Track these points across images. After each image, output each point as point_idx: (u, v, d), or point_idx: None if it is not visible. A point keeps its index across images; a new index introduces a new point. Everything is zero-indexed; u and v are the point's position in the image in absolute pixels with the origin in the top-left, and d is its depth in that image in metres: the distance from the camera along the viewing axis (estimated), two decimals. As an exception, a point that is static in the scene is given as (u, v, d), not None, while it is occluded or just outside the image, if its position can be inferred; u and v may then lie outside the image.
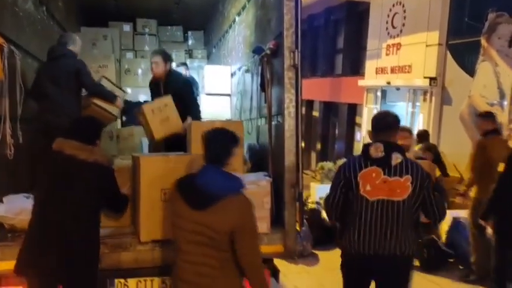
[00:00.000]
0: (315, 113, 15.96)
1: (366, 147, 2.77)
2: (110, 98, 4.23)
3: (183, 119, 4.21)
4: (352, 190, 2.73)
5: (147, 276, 3.00)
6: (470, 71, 7.33)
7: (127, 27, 6.93)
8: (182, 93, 4.37)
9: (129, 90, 6.29)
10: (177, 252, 2.49)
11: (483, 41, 7.01)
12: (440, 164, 5.81)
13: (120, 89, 4.58)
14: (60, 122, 3.57)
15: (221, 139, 2.49)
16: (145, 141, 5.07)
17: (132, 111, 5.48)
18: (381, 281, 2.85)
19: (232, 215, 2.34)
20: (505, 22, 6.64)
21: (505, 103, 6.59)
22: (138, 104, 5.43)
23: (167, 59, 4.51)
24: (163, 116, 4.12)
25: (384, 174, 2.67)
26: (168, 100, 4.17)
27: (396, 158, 2.68)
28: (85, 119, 3.22)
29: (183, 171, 2.66)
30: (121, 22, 6.86)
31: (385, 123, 2.84)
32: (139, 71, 6.36)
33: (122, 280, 3.00)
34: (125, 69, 6.49)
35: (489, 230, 4.17)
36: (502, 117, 6.61)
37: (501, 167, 4.01)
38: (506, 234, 4.04)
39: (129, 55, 6.80)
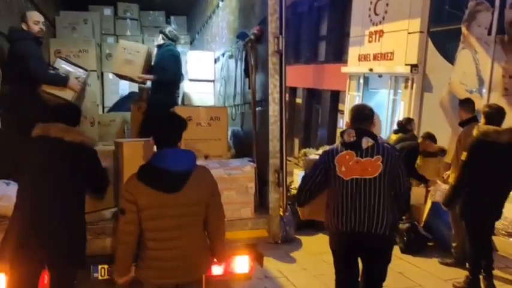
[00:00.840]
0: (298, 100, 16.00)
1: (342, 133, 3.10)
2: (60, 82, 3.88)
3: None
4: (331, 172, 3.03)
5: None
6: (451, 58, 7.43)
7: (108, 11, 6.78)
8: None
9: (110, 75, 6.20)
10: (149, 245, 2.47)
11: (463, 29, 7.11)
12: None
13: (82, 68, 4.16)
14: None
15: (175, 122, 2.57)
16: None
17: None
18: (366, 258, 3.10)
19: (205, 185, 2.51)
20: (485, 10, 6.74)
21: (484, 90, 6.71)
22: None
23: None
24: (130, 58, 4.51)
25: (357, 156, 2.98)
26: (143, 49, 4.53)
27: (367, 142, 2.99)
28: (67, 104, 3.23)
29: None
30: (102, 6, 6.70)
31: (363, 116, 3.13)
32: (121, 56, 6.24)
33: (106, 266, 2.98)
34: (106, 54, 6.38)
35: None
36: (480, 105, 6.74)
37: (464, 156, 4.06)
38: (472, 223, 4.15)
39: (110, 40, 6.67)
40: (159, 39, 4.85)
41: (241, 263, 3.26)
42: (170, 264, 2.50)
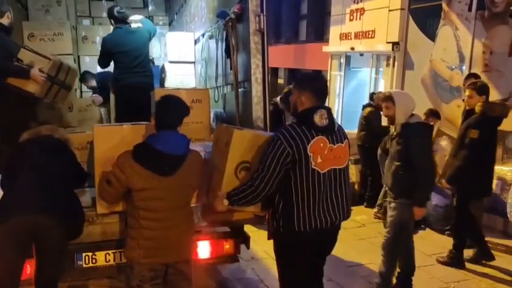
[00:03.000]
0: (280, 81, 15.92)
1: (310, 114, 2.46)
2: (22, 74, 3.57)
3: None
4: (300, 165, 2.44)
5: (116, 249, 2.95)
6: (432, 35, 7.42)
7: (82, -8, 6.58)
8: None
9: (87, 59, 6.04)
10: (143, 225, 2.51)
11: (444, 5, 7.09)
12: None
13: (45, 57, 3.72)
14: None
15: (178, 106, 2.58)
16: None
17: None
18: (323, 252, 2.80)
19: (196, 170, 2.62)
20: (465, -14, 6.72)
21: (464, 67, 6.75)
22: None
23: (108, 16, 4.59)
24: None
25: (329, 142, 2.50)
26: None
27: (336, 124, 2.59)
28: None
29: (138, 141, 2.60)
30: (76, -14, 6.49)
31: (327, 91, 2.63)
32: (98, 38, 6.07)
33: (90, 253, 2.94)
34: (82, 37, 6.19)
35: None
36: (461, 81, 6.79)
37: (473, 134, 4.10)
38: (471, 195, 4.32)
39: (86, 22, 6.49)
40: (112, 25, 4.59)
41: (228, 246, 3.25)
42: (161, 244, 2.55)
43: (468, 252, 4.46)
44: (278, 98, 4.71)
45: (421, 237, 5.20)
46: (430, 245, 4.94)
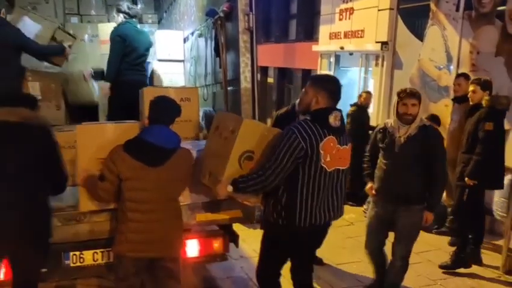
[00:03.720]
0: (270, 80, 15.94)
1: (325, 114, 2.55)
2: (58, 52, 4.34)
3: None
4: (311, 161, 2.52)
5: (104, 248, 2.94)
6: (420, 35, 7.48)
7: (70, -11, 6.49)
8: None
9: (75, 57, 5.96)
10: (130, 217, 2.55)
11: (432, 5, 7.15)
12: None
13: (72, 36, 4.75)
14: None
15: (170, 105, 2.69)
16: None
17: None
18: (314, 247, 2.92)
19: (185, 165, 2.67)
20: (453, -14, 6.78)
21: (452, 67, 6.81)
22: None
23: (118, 10, 4.54)
24: None
25: (337, 143, 2.59)
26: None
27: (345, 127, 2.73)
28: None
29: (121, 140, 2.61)
30: (63, -17, 6.40)
31: (340, 92, 2.71)
32: (86, 36, 6.01)
33: (77, 253, 2.93)
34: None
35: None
36: (449, 80, 6.85)
37: (488, 126, 4.13)
38: (480, 190, 4.38)
39: (74, 20, 6.40)
40: (119, 19, 4.58)
41: (217, 244, 3.26)
42: (146, 237, 2.58)
43: (445, 258, 4.45)
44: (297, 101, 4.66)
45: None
46: (418, 244, 4.97)
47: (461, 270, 4.33)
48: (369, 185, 3.56)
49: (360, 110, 6.66)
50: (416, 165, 3.26)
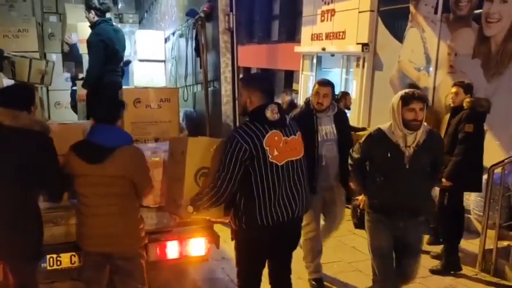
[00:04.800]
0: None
1: (261, 110, 2.53)
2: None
3: None
4: (258, 159, 2.50)
5: (81, 250, 2.89)
6: (400, 37, 7.59)
7: (48, -12, 6.39)
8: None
9: (54, 56, 5.89)
10: (82, 210, 2.67)
11: (411, 8, 7.26)
12: None
13: (47, 60, 4.40)
14: None
15: (114, 102, 2.82)
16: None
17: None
18: (280, 250, 2.82)
19: (129, 163, 2.64)
20: (432, -11, 6.90)
21: (431, 68, 6.92)
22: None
23: (90, 7, 4.30)
24: None
25: (284, 135, 2.58)
26: None
27: (287, 118, 2.69)
28: (13, 86, 3.16)
29: (68, 139, 2.70)
30: (41, -18, 6.30)
31: (273, 86, 2.75)
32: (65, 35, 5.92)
33: (54, 255, 2.89)
34: (48, 33, 6.03)
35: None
36: (428, 82, 6.97)
37: (468, 128, 4.11)
38: (461, 193, 4.39)
39: (53, 18, 6.30)
40: (91, 17, 4.36)
41: (197, 246, 3.24)
42: (95, 232, 2.64)
43: (434, 262, 4.46)
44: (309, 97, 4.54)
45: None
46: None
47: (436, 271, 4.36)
48: (363, 197, 3.24)
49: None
50: (426, 175, 3.00)
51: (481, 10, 6.02)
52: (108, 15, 4.55)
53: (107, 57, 4.30)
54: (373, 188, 3.06)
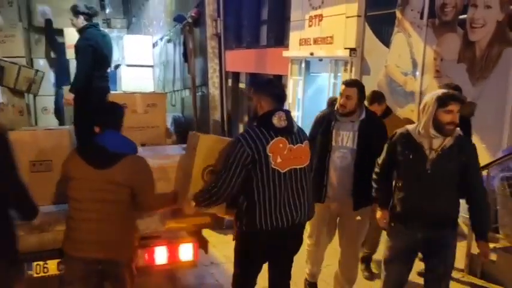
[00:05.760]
0: (242, 85, 15.96)
1: (269, 116, 2.54)
2: None
3: None
4: (260, 165, 2.52)
5: (66, 256, 2.86)
6: (387, 41, 7.66)
7: (35, -8, 6.34)
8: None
9: (41, 61, 5.85)
10: (72, 215, 2.59)
11: (398, 13, 7.34)
12: None
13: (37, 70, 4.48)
14: None
15: (120, 109, 2.75)
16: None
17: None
18: (287, 252, 2.83)
19: (134, 171, 2.59)
20: (417, -5, 6.99)
21: (418, 73, 7.00)
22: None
23: (79, 13, 4.28)
24: None
25: (289, 143, 2.58)
26: None
27: (296, 126, 2.66)
28: None
29: (54, 146, 2.70)
30: (28, -13, 6.25)
31: (284, 92, 2.74)
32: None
33: (41, 263, 2.86)
34: (35, 39, 5.99)
35: None
36: (414, 86, 7.05)
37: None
38: None
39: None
40: (80, 22, 4.35)
41: (186, 251, 3.24)
42: (86, 237, 2.56)
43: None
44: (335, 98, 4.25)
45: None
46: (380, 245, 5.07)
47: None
48: (381, 213, 2.94)
49: None
50: (452, 184, 2.73)
51: (465, 15, 6.11)
52: (95, 20, 4.53)
53: (95, 62, 4.27)
54: (394, 195, 2.84)
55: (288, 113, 2.61)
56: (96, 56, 4.27)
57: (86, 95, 4.29)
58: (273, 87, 2.67)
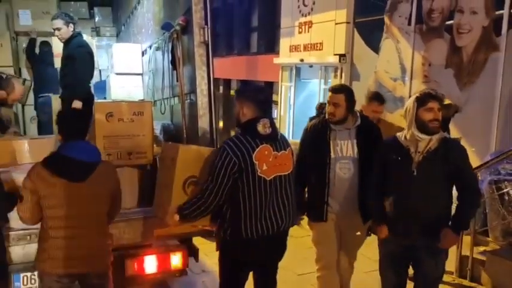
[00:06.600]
0: (233, 92, 15.98)
1: (254, 124, 2.50)
2: None
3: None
4: (247, 173, 2.47)
5: (45, 275, 2.82)
6: (376, 47, 7.74)
7: (23, 2, 6.31)
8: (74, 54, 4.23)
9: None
10: (54, 234, 2.46)
11: (386, 19, 7.42)
12: None
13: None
14: None
15: (82, 117, 2.70)
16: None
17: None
18: (272, 259, 2.81)
19: (110, 179, 2.58)
20: (405, 1, 7.08)
21: (406, 78, 7.07)
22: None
23: (66, 21, 4.26)
24: None
25: (274, 150, 2.55)
26: None
27: (279, 132, 2.63)
28: None
29: (39, 154, 2.59)
30: (14, -6, 6.22)
31: (269, 98, 2.68)
32: (37, 50, 5.85)
33: (29, 274, 2.81)
34: (23, 48, 5.94)
35: None
36: (403, 91, 7.11)
37: None
38: None
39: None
40: (70, 30, 4.29)
41: (176, 259, 3.21)
42: (75, 253, 2.50)
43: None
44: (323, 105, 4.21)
45: (368, 243, 5.32)
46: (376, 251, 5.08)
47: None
48: (380, 228, 2.87)
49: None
50: (441, 188, 2.71)
51: (452, 21, 6.19)
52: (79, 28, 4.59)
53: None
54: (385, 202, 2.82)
55: (271, 119, 2.58)
56: (92, 62, 4.33)
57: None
58: (256, 94, 2.62)
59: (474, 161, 5.21)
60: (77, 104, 4.04)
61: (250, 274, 2.82)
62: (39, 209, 2.45)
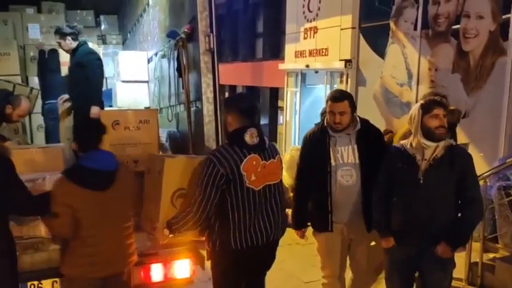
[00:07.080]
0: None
1: (240, 134, 2.47)
2: None
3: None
4: (235, 184, 2.45)
5: (63, 276, 2.83)
6: (381, 53, 7.71)
7: (30, 11, 6.39)
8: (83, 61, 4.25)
9: (36, 79, 5.86)
10: (91, 241, 2.51)
11: (392, 24, 7.40)
12: None
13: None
14: None
15: (101, 125, 2.67)
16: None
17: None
18: (262, 268, 2.81)
19: (129, 181, 2.64)
20: (410, 6, 7.05)
21: (413, 83, 7.03)
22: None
23: (65, 35, 4.29)
24: None
25: (262, 159, 2.52)
26: None
27: (267, 141, 2.60)
28: None
29: (48, 163, 2.67)
30: (23, 6, 6.30)
31: (256, 108, 2.61)
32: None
33: (36, 282, 2.81)
34: (30, 56, 6.00)
35: None
36: (410, 96, 7.07)
37: None
38: None
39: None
40: (68, 43, 4.32)
41: (183, 267, 3.19)
42: (105, 257, 2.56)
43: None
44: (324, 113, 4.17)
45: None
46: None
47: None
48: (387, 239, 2.81)
49: None
50: (448, 197, 2.66)
51: (458, 26, 6.16)
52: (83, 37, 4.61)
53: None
54: (391, 212, 2.77)
55: (259, 128, 2.54)
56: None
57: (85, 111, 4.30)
58: (241, 103, 2.59)
59: (482, 167, 5.18)
60: (95, 110, 4.04)
61: None
62: (75, 221, 2.50)
